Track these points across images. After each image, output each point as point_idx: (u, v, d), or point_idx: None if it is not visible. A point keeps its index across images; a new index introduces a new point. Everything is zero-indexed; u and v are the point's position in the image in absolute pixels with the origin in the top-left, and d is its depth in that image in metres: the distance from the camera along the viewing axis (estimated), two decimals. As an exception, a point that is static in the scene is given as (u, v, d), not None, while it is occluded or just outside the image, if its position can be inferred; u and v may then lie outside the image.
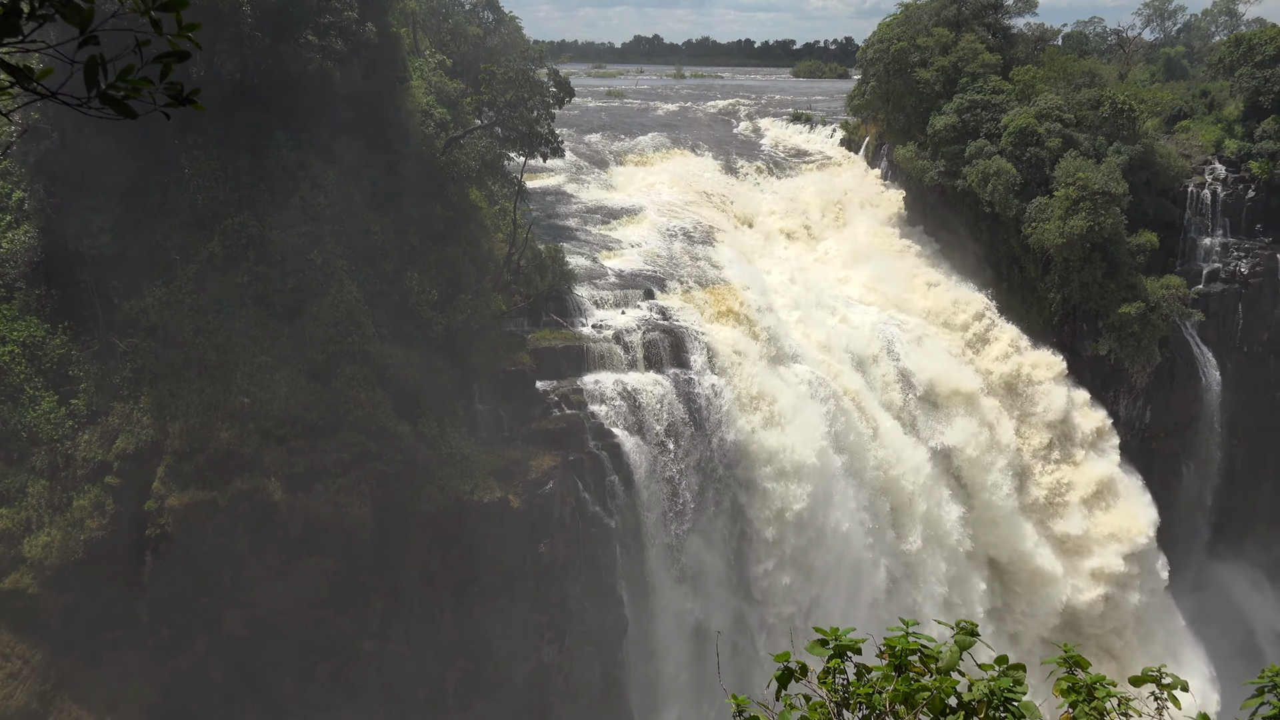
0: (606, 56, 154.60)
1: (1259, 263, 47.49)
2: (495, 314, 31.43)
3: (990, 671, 5.43)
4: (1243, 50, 51.06)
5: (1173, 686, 6.00)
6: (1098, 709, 5.53)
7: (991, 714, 5.17)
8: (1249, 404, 48.42)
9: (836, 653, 5.31)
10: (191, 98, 3.42)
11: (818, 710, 5.15)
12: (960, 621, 5.54)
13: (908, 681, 5.18)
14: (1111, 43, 74.12)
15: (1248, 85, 49.89)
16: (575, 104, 51.50)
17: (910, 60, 48.01)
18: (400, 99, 31.98)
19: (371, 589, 27.99)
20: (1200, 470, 48.15)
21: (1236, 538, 48.87)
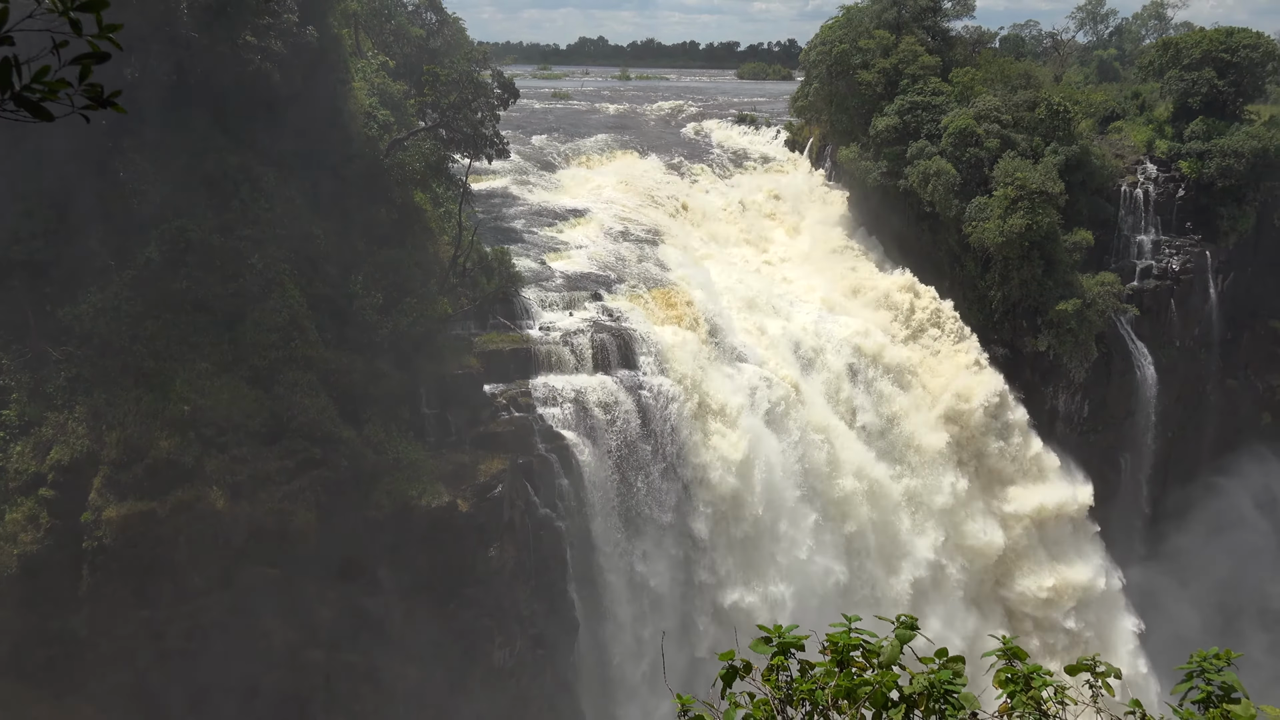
0: (552, 58, 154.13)
1: (1189, 259, 48.86)
2: (441, 317, 31.18)
3: (931, 664, 5.52)
4: (1171, 54, 52.51)
5: (1106, 674, 6.15)
6: (1034, 698, 5.65)
7: (932, 706, 5.26)
8: (1182, 396, 49.80)
9: (780, 650, 5.36)
10: (112, 100, 3.34)
11: (762, 708, 5.20)
12: (901, 616, 5.63)
13: (850, 676, 5.25)
14: (1047, 45, 75.80)
15: (1176, 87, 51.32)
16: (520, 105, 51.26)
17: (852, 62, 48.61)
18: (342, 101, 31.60)
19: (318, 598, 27.59)
20: (1136, 461, 49.39)
21: (1173, 526, 50.17)
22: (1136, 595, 47.04)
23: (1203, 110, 50.34)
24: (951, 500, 40.21)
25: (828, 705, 5.14)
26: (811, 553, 35.31)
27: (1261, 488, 50.21)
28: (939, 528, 39.91)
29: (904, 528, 38.77)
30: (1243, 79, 50.84)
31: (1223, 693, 6.17)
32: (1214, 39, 51.36)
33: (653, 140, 54.20)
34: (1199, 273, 49.19)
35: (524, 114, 56.63)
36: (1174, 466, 50.16)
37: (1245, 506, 49.71)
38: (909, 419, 40.23)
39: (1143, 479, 49.66)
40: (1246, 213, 49.94)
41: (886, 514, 38.27)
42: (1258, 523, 49.74)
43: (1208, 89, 50.18)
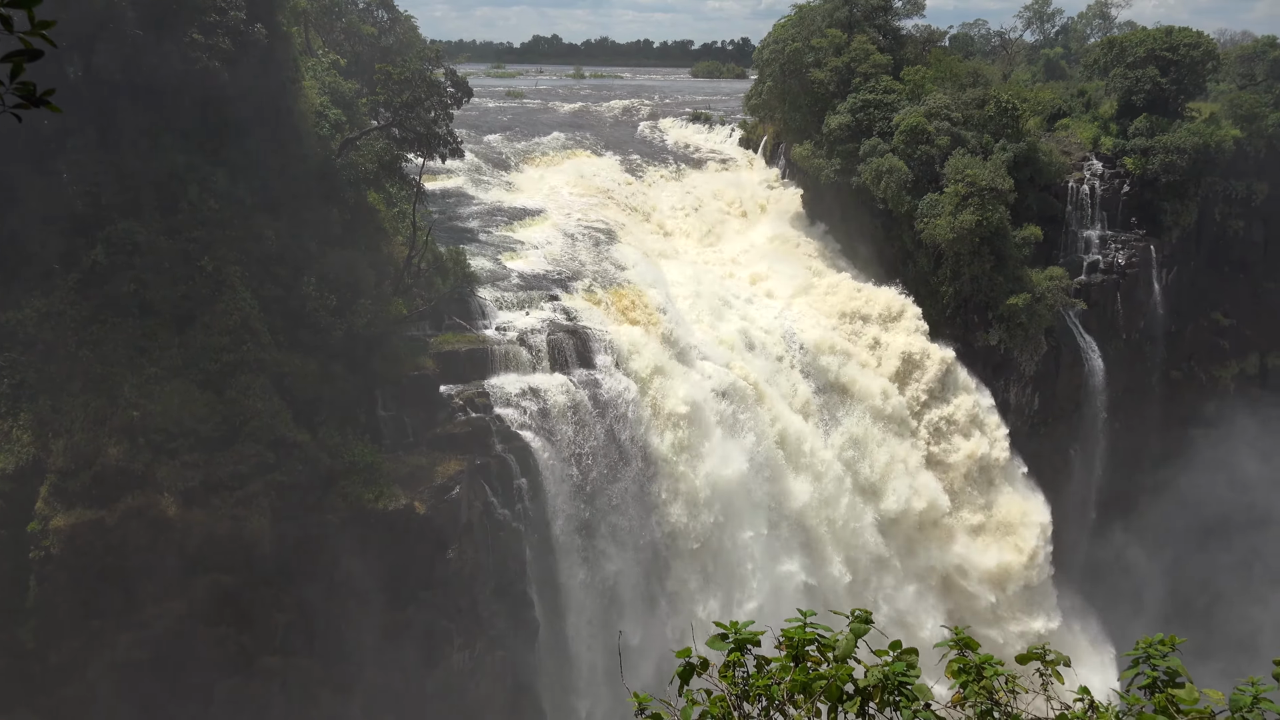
0: (505, 56, 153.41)
1: (1134, 254, 49.87)
2: (396, 318, 30.91)
3: (885, 657, 5.59)
4: (1115, 52, 53.58)
5: (1056, 663, 6.28)
6: (986, 688, 5.74)
7: (886, 698, 5.33)
8: (1128, 388, 50.83)
9: (736, 646, 5.39)
10: (45, 98, 3.26)
11: (719, 704, 5.22)
12: (855, 610, 5.69)
13: (805, 671, 5.29)
14: (995, 44, 76.94)
15: (1121, 85, 52.37)
16: (474, 104, 50.98)
17: (805, 61, 48.94)
18: (292, 99, 31.18)
19: (274, 603, 27.24)
20: (1086, 453, 50.34)
21: (1121, 515, 51.23)
22: (1087, 583, 47.97)
23: (1146, 108, 51.41)
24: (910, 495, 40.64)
25: (783, 700, 5.18)
26: (772, 549, 35.52)
27: (1209, 477, 51.42)
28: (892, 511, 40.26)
29: (862, 517, 39.07)
30: (1184, 77, 52.00)
31: (1168, 678, 6.32)
32: (1156, 38, 52.48)
33: (608, 139, 54.17)
34: (1144, 267, 50.24)
35: (478, 113, 56.31)
36: (1122, 456, 51.18)
37: (1192, 494, 50.88)
38: (866, 413, 40.59)
39: (1092, 469, 50.63)
40: (1189, 208, 51.11)
41: (844, 505, 38.58)
42: (1204, 509, 50.95)
43: (1151, 87, 51.26)
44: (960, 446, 42.53)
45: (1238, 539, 52.31)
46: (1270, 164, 54.38)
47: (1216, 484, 51.40)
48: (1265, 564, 52.73)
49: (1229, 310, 54.89)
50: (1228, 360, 55.27)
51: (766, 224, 47.52)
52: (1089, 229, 50.22)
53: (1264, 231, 55.13)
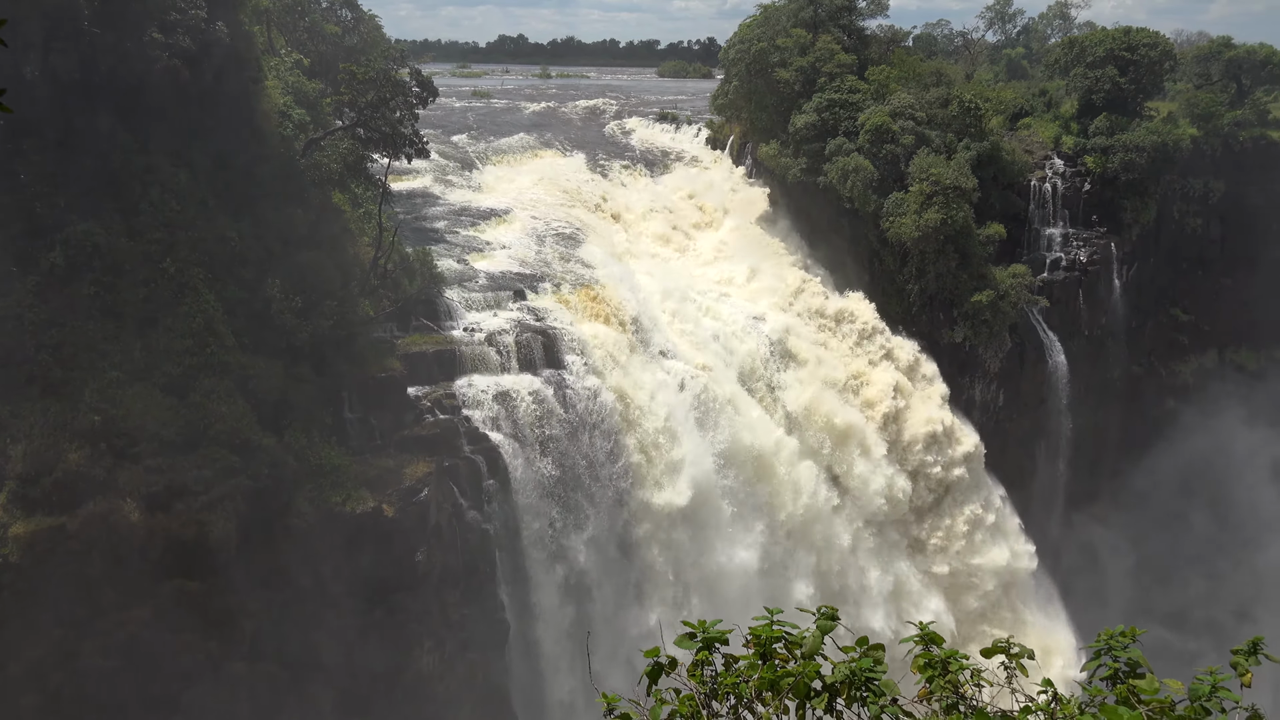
0: (471, 56, 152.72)
1: (1096, 251, 50.59)
2: (362, 320, 30.70)
3: (852, 653, 5.65)
4: (1075, 52, 54.31)
5: (1020, 656, 6.38)
6: (952, 682, 5.82)
7: (853, 694, 5.38)
8: (1090, 383, 51.58)
9: (705, 645, 5.43)
10: (-3, 102, 3.22)
11: (687, 704, 5.25)
12: (822, 607, 5.74)
13: (773, 669, 5.33)
14: (958, 44, 77.74)
15: (1081, 85, 53.11)
16: (440, 104, 50.69)
17: (770, 60, 49.17)
18: (255, 99, 30.87)
19: (240, 609, 26.95)
20: (1050, 447, 51.02)
21: (1085, 507, 51.98)
22: (1055, 575, 48.61)
23: (1106, 107, 52.16)
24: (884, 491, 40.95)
25: (751, 698, 5.22)
26: (742, 547, 35.66)
27: (1171, 470, 52.31)
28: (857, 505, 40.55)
29: (827, 512, 39.32)
30: (1142, 77, 52.83)
31: (1129, 668, 6.44)
32: (1115, 38, 53.25)
33: (575, 139, 54.10)
34: (1105, 264, 50.97)
35: (444, 113, 56.02)
36: (1086, 451, 51.94)
37: (1155, 486, 51.75)
38: (830, 410, 40.83)
39: (1057, 464, 51.32)
40: (1148, 205, 51.91)
41: (811, 501, 38.81)
42: (1167, 501, 51.84)
43: (1110, 86, 52.01)
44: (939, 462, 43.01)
45: (1200, 528, 53.37)
46: (1226, 162, 55.41)
47: (1178, 476, 52.34)
48: (1226, 552, 53.83)
49: (1188, 306, 55.85)
50: (1187, 355, 56.24)
51: (733, 223, 47.69)
52: (1051, 227, 50.87)
53: (1221, 229, 56.14)
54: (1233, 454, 53.46)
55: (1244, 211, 56.15)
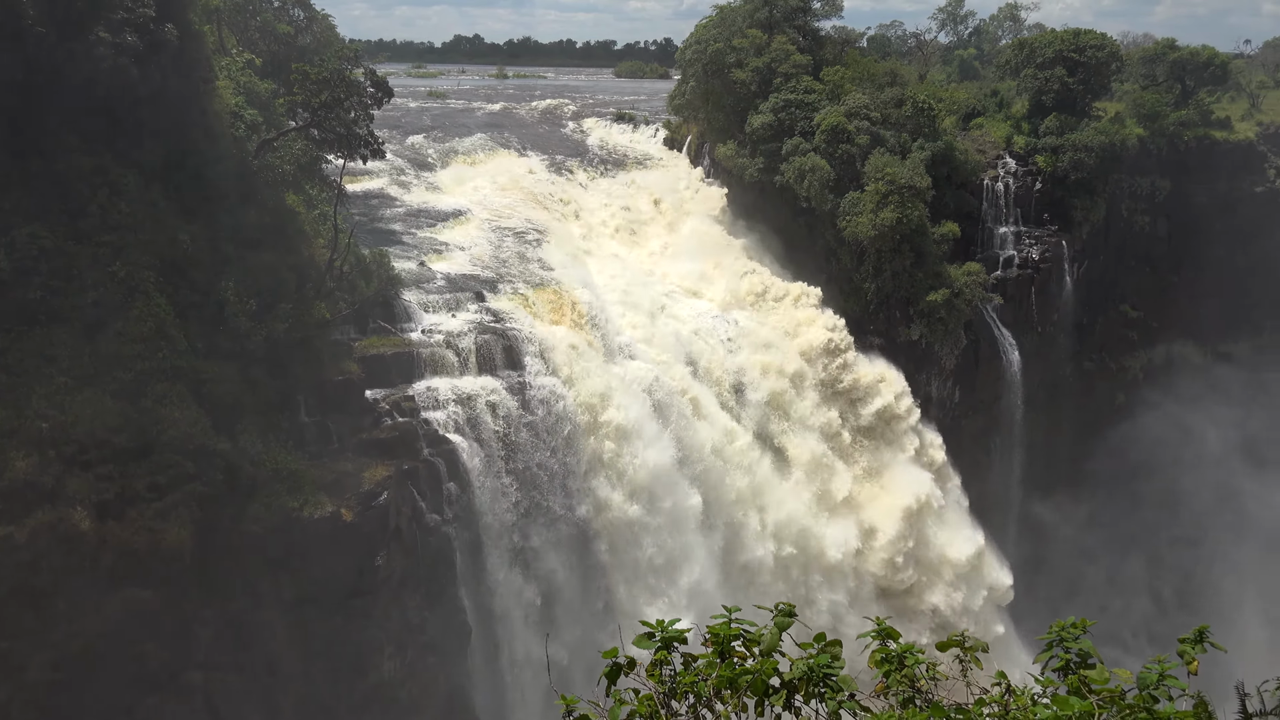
0: (427, 56, 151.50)
1: (1047, 249, 51.49)
2: (319, 322, 30.34)
3: (810, 650, 5.70)
4: (1025, 53, 55.26)
5: (975, 649, 6.49)
6: (908, 676, 5.91)
7: (811, 690, 5.44)
8: (1044, 378, 52.48)
9: (663, 644, 5.45)
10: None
11: (646, 703, 5.27)
12: (779, 604, 5.79)
13: (731, 667, 5.37)
14: (911, 45, 78.63)
15: (1031, 85, 54.04)
16: (396, 105, 50.31)
17: (727, 61, 49.40)
18: (206, 100, 30.39)
19: (196, 617, 26.53)
20: (1006, 442, 51.84)
21: (1041, 500, 52.86)
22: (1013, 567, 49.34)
23: (1055, 107, 53.09)
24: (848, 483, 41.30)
25: (710, 696, 5.25)
26: (704, 548, 35.80)
27: (1123, 461, 53.39)
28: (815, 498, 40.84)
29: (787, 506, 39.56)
30: (1090, 77, 53.88)
31: (1080, 659, 6.58)
32: (1064, 40, 54.25)
33: (532, 139, 53.94)
34: (1056, 262, 51.89)
35: (399, 113, 55.59)
36: (1040, 445, 52.83)
37: (1107, 477, 52.79)
38: (793, 408, 41.13)
39: (1012, 458, 52.15)
40: (1097, 204, 52.95)
41: (773, 499, 39.07)
42: (1118, 491, 52.91)
43: (1059, 87, 52.97)
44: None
45: (1152, 519, 54.61)
46: (1172, 161, 56.69)
47: (1129, 468, 53.47)
48: (1176, 540, 55.15)
49: (1137, 303, 57.05)
50: (1136, 351, 57.47)
51: (692, 223, 47.82)
52: (1004, 225, 51.68)
53: (1168, 226, 57.42)
54: (1181, 446, 54.73)
55: (1189, 210, 57.52)
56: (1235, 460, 55.33)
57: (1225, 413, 55.08)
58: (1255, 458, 55.64)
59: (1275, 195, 60.60)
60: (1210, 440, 54.72)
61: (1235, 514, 55.79)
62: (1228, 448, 54.96)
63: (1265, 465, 55.79)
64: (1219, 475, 55.17)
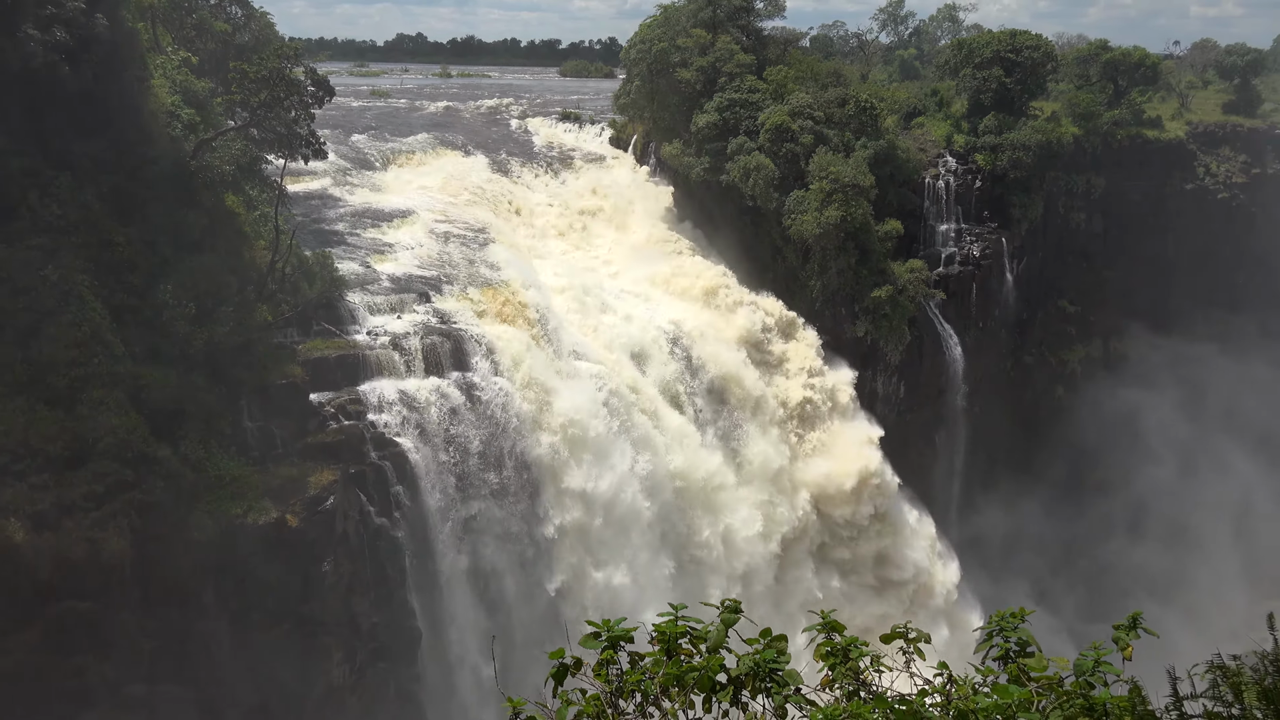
0: (369, 55, 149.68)
1: (988, 246, 52.42)
2: (261, 325, 29.87)
3: (756, 645, 5.76)
4: (964, 54, 56.19)
5: (918, 640, 6.60)
6: (853, 668, 5.99)
7: (758, 685, 5.50)
8: (986, 372, 53.46)
9: (610, 644, 5.47)
10: None
11: (593, 703, 5.29)
12: (725, 600, 5.84)
13: (678, 664, 5.41)
14: (853, 45, 79.54)
15: (970, 85, 54.98)
16: (338, 104, 49.62)
17: (671, 60, 49.54)
18: (141, 99, 29.74)
19: (137, 629, 25.96)
20: (950, 436, 52.71)
21: (984, 492, 53.83)
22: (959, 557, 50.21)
23: (994, 106, 54.07)
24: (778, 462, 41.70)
25: (657, 694, 5.28)
26: (653, 549, 35.87)
27: (1061, 453, 54.60)
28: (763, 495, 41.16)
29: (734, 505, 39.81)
30: (1027, 77, 54.96)
31: (1019, 648, 6.72)
32: (1001, 40, 55.27)
33: (477, 138, 53.61)
34: (997, 258, 52.86)
35: (341, 113, 54.89)
36: (982, 438, 53.80)
37: (1046, 468, 53.95)
38: (741, 406, 41.42)
39: (956, 451, 53.04)
40: (1035, 201, 54.05)
41: (719, 498, 39.29)
42: (1057, 482, 54.10)
43: (997, 86, 53.95)
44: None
45: (1093, 505, 56.02)
46: (1106, 159, 58.10)
47: (1070, 458, 54.73)
48: (1117, 527, 56.61)
49: (1074, 298, 58.33)
50: (1074, 345, 58.74)
51: (638, 222, 47.91)
52: (945, 223, 52.50)
53: (1103, 223, 58.83)
54: (1119, 436, 56.20)
55: (1124, 206, 59.02)
56: (1173, 448, 57.04)
57: (1161, 403, 56.71)
58: (1192, 445, 57.41)
59: (1204, 192, 62.41)
60: (1148, 429, 56.30)
61: (1174, 500, 57.50)
62: (1165, 437, 56.62)
63: (1202, 453, 57.58)
64: (1157, 463, 56.82)
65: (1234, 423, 58.09)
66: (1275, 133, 65.75)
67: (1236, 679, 6.50)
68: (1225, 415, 57.92)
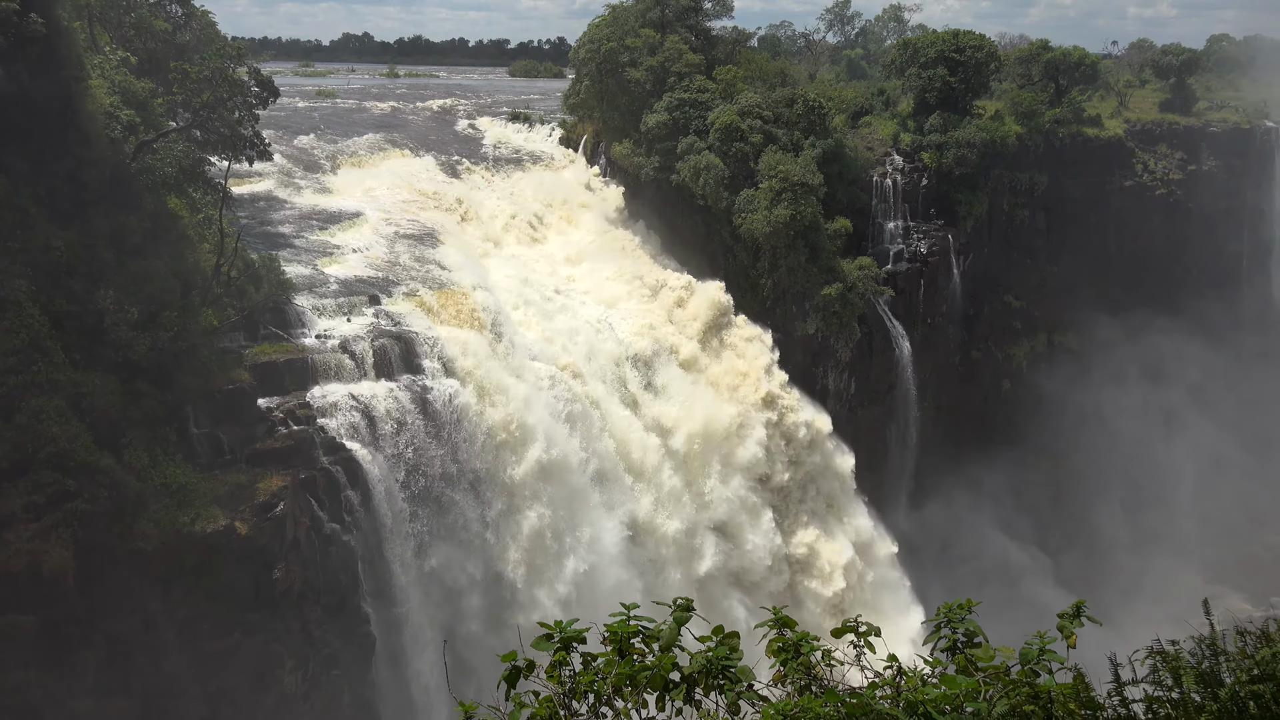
0: (314, 55, 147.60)
1: (935, 243, 53.19)
2: (206, 330, 29.34)
3: (708, 643, 5.80)
4: (909, 54, 56.96)
5: (868, 634, 6.69)
6: (804, 664, 6.06)
7: (711, 682, 5.53)
8: (934, 368, 54.24)
9: (562, 645, 5.47)
10: None
11: (546, 705, 5.29)
12: (677, 599, 5.88)
13: (630, 664, 5.42)
14: (800, 45, 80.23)
15: (915, 84, 55.74)
16: (283, 104, 48.99)
17: (621, 60, 49.58)
18: (78, 100, 29.02)
19: (82, 641, 25.38)
20: (900, 431, 53.39)
21: (933, 486, 54.59)
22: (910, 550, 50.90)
23: (939, 105, 54.88)
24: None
25: (610, 695, 5.30)
26: (606, 548, 35.87)
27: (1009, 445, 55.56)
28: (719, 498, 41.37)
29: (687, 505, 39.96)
30: (971, 77, 55.87)
31: (966, 639, 6.84)
32: (945, 40, 56.13)
33: (426, 139, 53.17)
34: (944, 255, 53.65)
35: (287, 113, 54.10)
36: (932, 432, 54.57)
37: (996, 461, 54.85)
38: (695, 404, 41.55)
39: (906, 445, 53.74)
40: (980, 199, 54.99)
41: (672, 496, 39.42)
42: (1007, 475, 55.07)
43: (942, 86, 54.78)
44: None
45: (1041, 496, 57.15)
46: (1049, 157, 59.26)
47: (1018, 450, 55.72)
48: (1065, 516, 57.84)
49: (1019, 293, 59.41)
50: (1020, 339, 59.85)
51: (589, 222, 47.87)
52: (893, 220, 53.17)
53: (1046, 219, 59.99)
54: (1065, 428, 57.43)
55: (1066, 203, 60.26)
56: (1117, 438, 58.47)
57: (1104, 394, 58.08)
58: (1136, 434, 58.95)
59: (1143, 189, 63.96)
60: (1092, 421, 57.61)
61: (1121, 487, 58.97)
62: (1109, 427, 58.01)
63: (1145, 441, 59.11)
64: (1103, 453, 58.19)
65: (1176, 399, 59.93)
66: (1209, 130, 67.61)
67: (1175, 664, 6.67)
68: (1165, 394, 59.67)
